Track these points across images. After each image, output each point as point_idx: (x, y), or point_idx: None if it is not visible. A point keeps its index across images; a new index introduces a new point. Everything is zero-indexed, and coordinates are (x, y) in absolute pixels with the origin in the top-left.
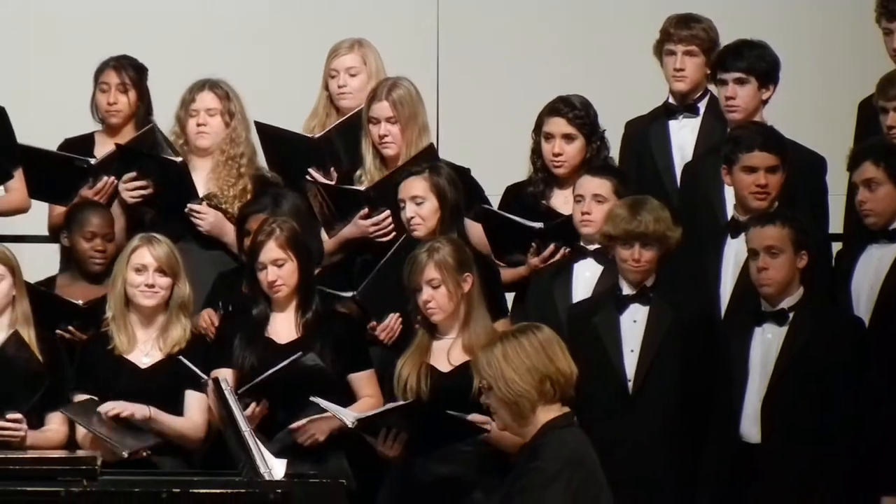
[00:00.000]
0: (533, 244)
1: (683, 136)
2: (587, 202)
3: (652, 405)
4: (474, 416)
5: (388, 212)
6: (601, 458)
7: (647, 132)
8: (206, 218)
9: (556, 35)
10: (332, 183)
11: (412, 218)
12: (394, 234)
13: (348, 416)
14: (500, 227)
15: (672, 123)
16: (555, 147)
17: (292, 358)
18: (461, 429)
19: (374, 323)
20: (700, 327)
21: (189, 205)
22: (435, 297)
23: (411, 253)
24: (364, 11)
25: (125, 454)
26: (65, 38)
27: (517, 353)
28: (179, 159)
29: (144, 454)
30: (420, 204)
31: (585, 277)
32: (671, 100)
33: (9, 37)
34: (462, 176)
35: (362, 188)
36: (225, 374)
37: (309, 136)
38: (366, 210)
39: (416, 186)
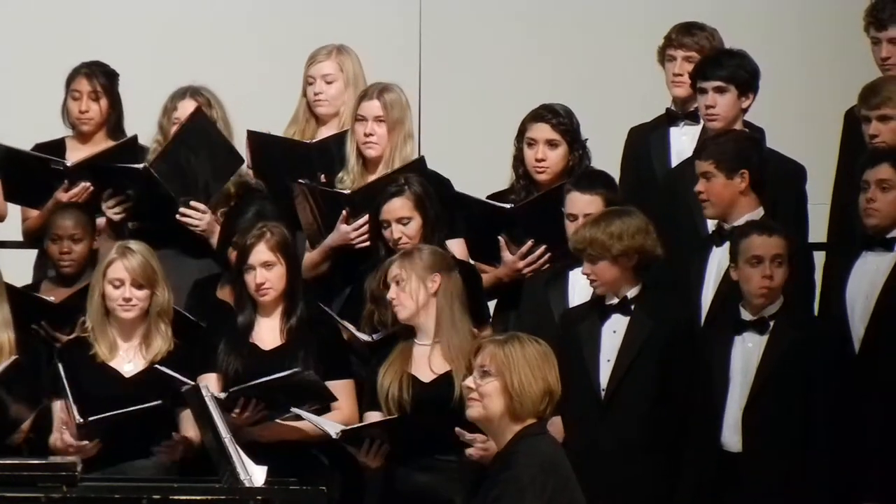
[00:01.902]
0: (501, 238)
1: (683, 143)
2: (581, 221)
3: (623, 414)
4: (459, 431)
5: (367, 216)
6: (575, 463)
7: (648, 139)
8: (204, 217)
9: (539, 42)
10: (322, 184)
11: (400, 238)
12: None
13: (332, 427)
14: (473, 215)
15: (673, 130)
16: (538, 153)
17: (292, 371)
18: (443, 442)
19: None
20: (681, 338)
21: (189, 203)
22: (399, 295)
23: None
24: (345, 17)
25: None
26: (44, 41)
27: (535, 356)
28: (142, 165)
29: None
30: (406, 224)
31: (581, 285)
32: (672, 106)
33: None
34: (443, 188)
35: (347, 191)
36: (209, 380)
37: (305, 141)
38: (345, 214)
39: (401, 207)
